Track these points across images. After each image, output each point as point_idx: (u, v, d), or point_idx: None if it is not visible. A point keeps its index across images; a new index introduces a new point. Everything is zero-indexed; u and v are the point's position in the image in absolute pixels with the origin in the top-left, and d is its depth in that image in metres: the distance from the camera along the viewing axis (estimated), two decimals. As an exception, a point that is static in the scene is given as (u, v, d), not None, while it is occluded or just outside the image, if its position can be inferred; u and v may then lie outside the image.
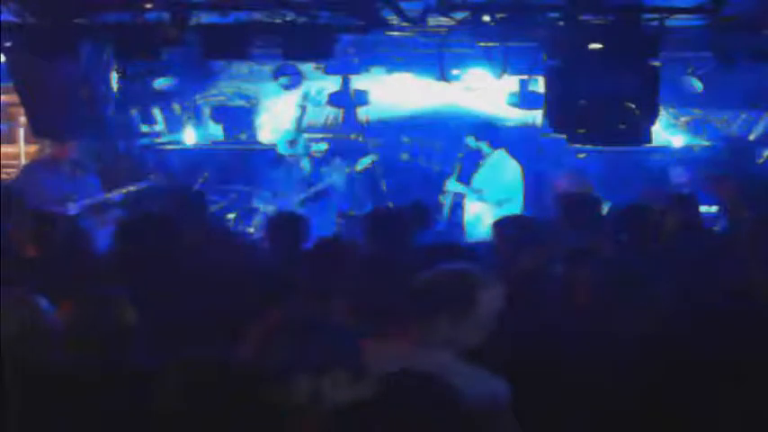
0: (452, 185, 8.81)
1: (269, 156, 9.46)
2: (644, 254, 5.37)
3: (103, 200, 8.11)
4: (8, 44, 7.65)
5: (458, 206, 8.88)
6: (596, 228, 6.08)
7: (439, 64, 8.23)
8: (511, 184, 8.67)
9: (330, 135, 10.20)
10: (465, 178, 8.80)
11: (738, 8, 7.10)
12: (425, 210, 6.78)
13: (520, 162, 8.76)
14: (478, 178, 8.77)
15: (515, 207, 8.49)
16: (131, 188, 8.30)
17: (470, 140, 8.79)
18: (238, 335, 2.66)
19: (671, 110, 9.69)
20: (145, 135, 10.12)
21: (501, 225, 5.48)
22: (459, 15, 7.42)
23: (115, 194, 8.23)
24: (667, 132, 9.83)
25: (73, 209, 7.81)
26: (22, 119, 9.26)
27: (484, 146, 8.73)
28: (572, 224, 6.01)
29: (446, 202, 8.86)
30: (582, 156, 9.95)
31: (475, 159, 8.82)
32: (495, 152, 8.74)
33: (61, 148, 8.25)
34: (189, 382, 2.52)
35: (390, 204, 8.96)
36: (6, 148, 9.83)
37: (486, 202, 8.63)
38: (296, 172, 9.01)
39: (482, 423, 2.55)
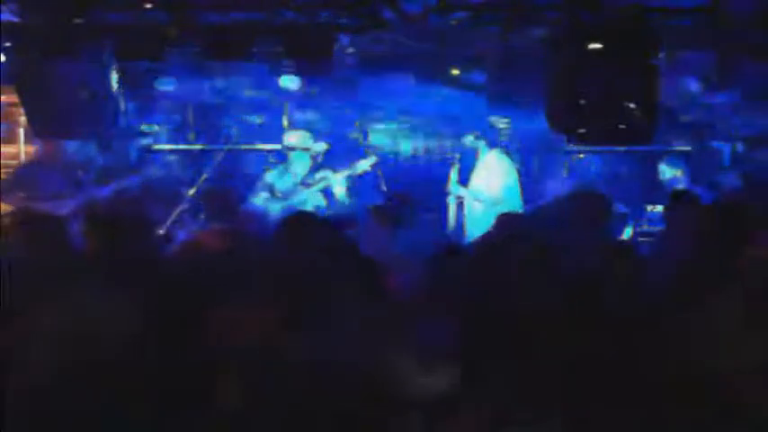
0: (452, 186, 8.81)
1: (267, 156, 9.45)
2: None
3: (93, 196, 8.10)
4: (8, 44, 7.66)
5: (460, 207, 8.88)
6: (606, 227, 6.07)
7: (439, 64, 8.23)
8: (507, 184, 8.66)
9: (329, 135, 10.18)
10: (463, 178, 8.80)
11: (738, 8, 7.11)
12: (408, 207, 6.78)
13: (516, 161, 8.75)
14: (475, 179, 8.76)
15: (513, 207, 8.47)
16: (121, 184, 8.30)
17: (468, 140, 8.79)
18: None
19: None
20: (145, 135, 10.12)
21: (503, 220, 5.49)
22: (459, 15, 7.42)
23: (105, 190, 8.22)
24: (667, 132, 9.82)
25: (65, 207, 7.79)
26: (22, 119, 9.26)
27: (481, 145, 8.73)
28: (581, 223, 5.98)
29: (450, 202, 8.86)
30: (581, 156, 9.95)
31: (472, 159, 8.82)
32: (491, 152, 8.73)
33: (51, 146, 8.24)
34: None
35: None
36: (6, 148, 9.82)
37: (483, 203, 8.62)
38: (293, 172, 8.99)
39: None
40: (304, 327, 2.95)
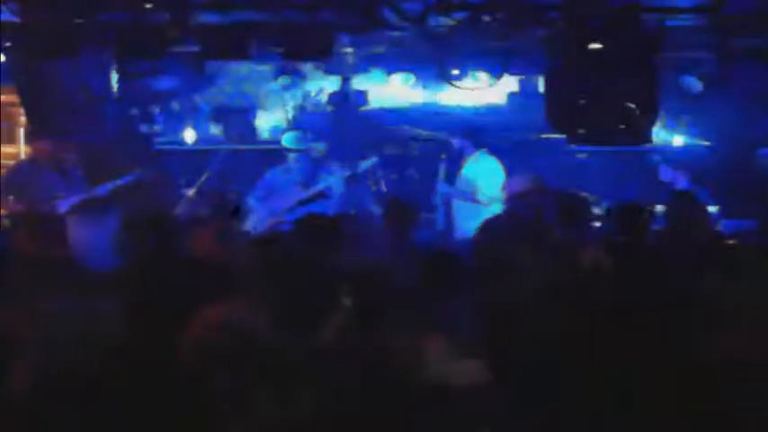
0: (440, 186, 8.77)
1: (267, 156, 9.44)
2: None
3: (90, 195, 8.06)
4: (8, 44, 7.66)
5: (448, 206, 8.85)
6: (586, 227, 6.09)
7: (439, 64, 8.23)
8: (495, 183, 8.63)
9: (328, 135, 10.19)
10: (450, 178, 8.77)
11: (738, 8, 7.12)
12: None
13: (502, 161, 8.72)
14: (463, 179, 8.74)
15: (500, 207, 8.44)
16: (118, 182, 8.28)
17: (454, 140, 8.77)
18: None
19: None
20: (144, 135, 10.11)
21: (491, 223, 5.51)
22: (460, 15, 7.43)
23: (101, 189, 8.19)
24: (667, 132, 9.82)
25: (62, 207, 7.76)
26: (22, 119, 9.26)
27: (467, 146, 8.72)
28: (563, 223, 5.98)
29: (438, 202, 8.83)
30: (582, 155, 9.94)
31: (458, 159, 8.79)
32: (477, 152, 8.71)
33: (44, 146, 8.23)
34: None
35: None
36: (6, 148, 9.83)
37: (473, 203, 8.60)
38: (293, 172, 8.98)
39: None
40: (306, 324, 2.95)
